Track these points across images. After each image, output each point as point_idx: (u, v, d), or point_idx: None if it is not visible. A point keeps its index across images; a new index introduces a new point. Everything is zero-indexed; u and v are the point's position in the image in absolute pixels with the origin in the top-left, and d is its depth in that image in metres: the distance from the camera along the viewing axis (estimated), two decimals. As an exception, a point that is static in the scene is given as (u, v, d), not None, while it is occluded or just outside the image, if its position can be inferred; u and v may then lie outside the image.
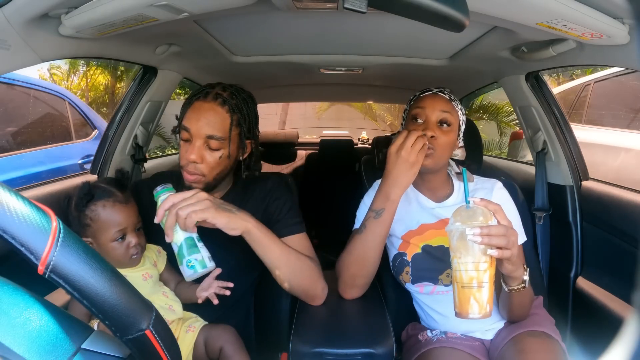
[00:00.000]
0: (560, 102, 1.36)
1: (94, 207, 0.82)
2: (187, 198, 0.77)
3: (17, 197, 0.34)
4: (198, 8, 0.80)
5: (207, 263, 0.76)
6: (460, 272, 0.69)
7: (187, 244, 0.76)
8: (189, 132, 0.88)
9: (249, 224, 0.82)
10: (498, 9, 0.76)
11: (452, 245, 0.71)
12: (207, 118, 0.88)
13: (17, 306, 0.36)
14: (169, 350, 0.40)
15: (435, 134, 0.92)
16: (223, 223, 0.78)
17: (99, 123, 3.05)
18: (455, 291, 0.71)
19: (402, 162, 0.87)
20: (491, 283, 0.69)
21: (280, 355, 0.96)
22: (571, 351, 1.10)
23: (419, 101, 0.98)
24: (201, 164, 0.89)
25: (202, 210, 0.76)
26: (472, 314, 0.69)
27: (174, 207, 0.76)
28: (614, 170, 2.42)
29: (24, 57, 0.77)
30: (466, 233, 0.68)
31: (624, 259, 1.11)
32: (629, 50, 0.83)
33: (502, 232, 0.69)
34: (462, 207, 0.73)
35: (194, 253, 0.75)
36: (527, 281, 0.80)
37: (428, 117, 0.95)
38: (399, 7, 0.58)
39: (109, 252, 0.83)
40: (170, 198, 0.77)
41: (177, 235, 0.76)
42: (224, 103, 0.89)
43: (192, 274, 0.74)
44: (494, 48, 1.12)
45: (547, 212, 1.35)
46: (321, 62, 1.46)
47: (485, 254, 0.69)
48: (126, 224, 0.84)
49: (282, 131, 5.06)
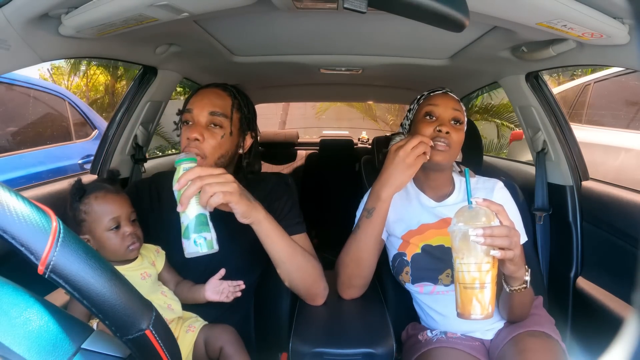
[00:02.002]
0: (560, 102, 1.37)
1: (87, 201, 0.84)
2: (216, 175, 0.74)
3: (17, 197, 0.34)
4: (198, 8, 0.80)
5: (214, 244, 0.73)
6: (463, 272, 0.69)
7: (199, 220, 0.73)
8: (191, 113, 0.91)
9: (260, 214, 0.82)
10: (498, 9, 0.76)
11: (454, 245, 0.71)
12: (210, 98, 0.92)
13: (17, 306, 0.36)
14: (169, 350, 0.40)
15: (450, 130, 0.93)
16: (242, 210, 0.76)
17: (99, 123, 3.05)
18: (458, 292, 0.71)
19: (399, 161, 0.87)
20: (493, 284, 0.69)
21: (280, 355, 0.96)
22: (571, 351, 1.10)
23: (431, 99, 0.99)
24: (202, 143, 0.89)
25: (229, 192, 0.74)
26: (475, 315, 0.69)
27: (201, 179, 0.72)
28: (614, 170, 2.42)
29: (24, 57, 0.78)
30: (469, 234, 0.68)
31: (624, 259, 1.11)
32: (629, 50, 0.83)
33: (504, 233, 0.69)
34: (465, 208, 0.72)
35: (204, 231, 0.72)
36: (528, 281, 0.80)
37: (441, 114, 0.95)
38: (399, 7, 0.58)
39: (105, 243, 0.84)
40: (196, 169, 0.74)
41: (191, 208, 0.72)
42: (225, 88, 0.96)
43: (196, 251, 0.71)
44: (494, 48, 1.12)
45: (547, 212, 1.35)
46: (321, 62, 1.46)
47: (488, 255, 0.68)
48: (119, 212, 0.85)
49: (282, 131, 5.06)
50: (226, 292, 0.89)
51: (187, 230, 0.72)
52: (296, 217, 0.99)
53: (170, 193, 1.03)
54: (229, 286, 0.89)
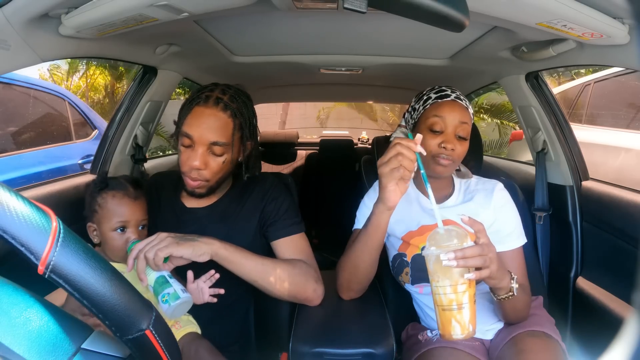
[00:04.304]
0: (560, 102, 1.37)
1: (105, 195, 0.88)
2: (150, 241, 0.80)
3: (17, 197, 0.34)
4: (198, 8, 0.80)
5: (179, 294, 0.77)
6: (440, 295, 0.69)
7: (159, 282, 0.79)
8: (191, 139, 0.88)
9: (213, 246, 0.83)
10: (498, 9, 0.76)
11: (429, 269, 0.70)
12: (210, 124, 0.87)
13: (17, 306, 0.36)
14: (169, 350, 0.40)
15: (455, 146, 0.91)
16: (189, 252, 0.80)
17: (99, 123, 3.05)
18: (437, 314, 0.71)
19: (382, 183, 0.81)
20: (471, 303, 0.69)
21: (280, 355, 0.96)
22: (571, 351, 1.10)
23: (439, 108, 0.93)
24: (205, 170, 0.89)
25: (165, 246, 0.79)
26: (455, 335, 0.69)
27: (141, 252, 0.79)
28: (614, 170, 2.42)
29: (24, 57, 0.78)
30: (441, 258, 0.67)
31: (624, 259, 1.11)
32: (629, 50, 0.83)
33: (477, 253, 0.68)
34: (437, 231, 0.71)
35: (165, 288, 0.77)
36: (515, 289, 0.80)
37: (447, 128, 0.91)
38: (399, 7, 0.58)
39: (108, 241, 0.87)
40: (135, 246, 0.81)
41: (150, 277, 0.79)
42: (225, 108, 0.89)
43: (167, 307, 0.76)
44: (494, 48, 1.12)
45: (547, 212, 1.35)
46: (321, 62, 1.46)
47: (462, 276, 0.68)
48: (129, 218, 0.88)
49: (282, 131, 5.06)
50: (205, 290, 0.88)
51: (155, 295, 0.78)
52: (293, 217, 0.99)
53: (169, 193, 1.04)
54: (203, 282, 0.88)
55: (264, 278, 0.87)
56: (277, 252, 0.97)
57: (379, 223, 0.85)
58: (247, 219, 0.98)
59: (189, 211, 1.00)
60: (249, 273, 0.86)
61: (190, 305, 0.80)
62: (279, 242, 0.97)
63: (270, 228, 0.97)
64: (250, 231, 0.98)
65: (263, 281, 0.87)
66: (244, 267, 0.86)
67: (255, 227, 0.98)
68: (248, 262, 0.86)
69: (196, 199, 0.97)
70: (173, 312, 0.76)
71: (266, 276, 0.87)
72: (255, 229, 0.98)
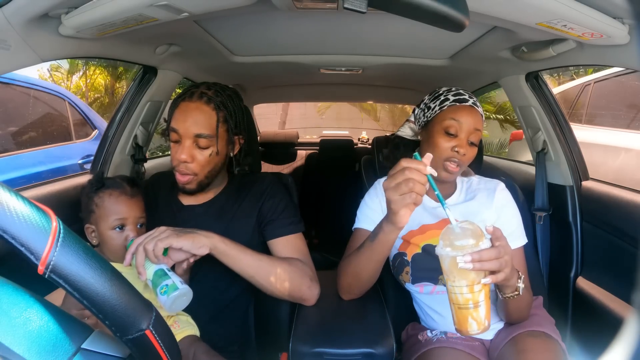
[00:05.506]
0: (560, 102, 1.37)
1: (102, 194, 0.88)
2: (149, 234, 0.81)
3: (17, 197, 0.34)
4: (198, 8, 0.80)
5: (178, 285, 0.77)
6: (456, 294, 0.69)
7: (157, 274, 0.78)
8: (177, 133, 0.90)
9: (213, 239, 0.83)
10: (498, 9, 0.76)
11: (444, 268, 0.69)
12: (194, 117, 0.90)
13: (17, 306, 0.36)
14: (169, 350, 0.40)
15: (467, 152, 0.92)
16: (188, 244, 0.80)
17: (98, 123, 3.05)
18: (453, 311, 0.70)
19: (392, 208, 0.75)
20: (487, 299, 0.69)
21: (280, 355, 0.96)
22: (571, 351, 1.10)
23: (456, 112, 0.93)
24: (192, 163, 0.91)
25: (165, 237, 0.79)
26: (472, 331, 0.68)
27: (140, 245, 0.79)
28: (614, 170, 2.42)
29: (24, 57, 0.78)
30: (457, 261, 0.66)
31: (624, 259, 1.11)
32: (629, 50, 0.83)
33: (494, 256, 0.67)
34: (451, 228, 0.69)
35: (164, 280, 0.77)
36: (520, 288, 0.80)
37: (461, 132, 0.92)
38: (399, 7, 0.58)
39: (106, 241, 0.87)
40: (135, 241, 0.81)
41: (149, 271, 0.79)
42: (209, 101, 0.91)
43: (166, 299, 0.75)
44: (494, 48, 1.12)
45: (547, 212, 1.35)
46: (321, 62, 1.46)
47: (479, 275, 0.67)
48: (127, 215, 0.88)
49: (282, 131, 5.06)
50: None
51: (153, 288, 0.78)
52: (291, 217, 0.99)
53: (166, 192, 1.04)
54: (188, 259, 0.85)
55: (260, 274, 0.88)
56: (274, 251, 0.97)
57: (387, 240, 0.82)
58: (245, 217, 0.99)
59: (185, 208, 1.00)
60: (246, 268, 0.87)
61: (189, 299, 0.79)
62: (276, 241, 0.97)
63: (268, 227, 0.98)
64: (248, 229, 0.98)
65: (260, 277, 0.88)
66: (241, 262, 0.86)
67: (253, 226, 0.99)
68: (245, 258, 0.86)
69: (192, 196, 0.98)
70: (172, 304, 0.75)
71: (263, 272, 0.88)
72: (253, 227, 0.99)
